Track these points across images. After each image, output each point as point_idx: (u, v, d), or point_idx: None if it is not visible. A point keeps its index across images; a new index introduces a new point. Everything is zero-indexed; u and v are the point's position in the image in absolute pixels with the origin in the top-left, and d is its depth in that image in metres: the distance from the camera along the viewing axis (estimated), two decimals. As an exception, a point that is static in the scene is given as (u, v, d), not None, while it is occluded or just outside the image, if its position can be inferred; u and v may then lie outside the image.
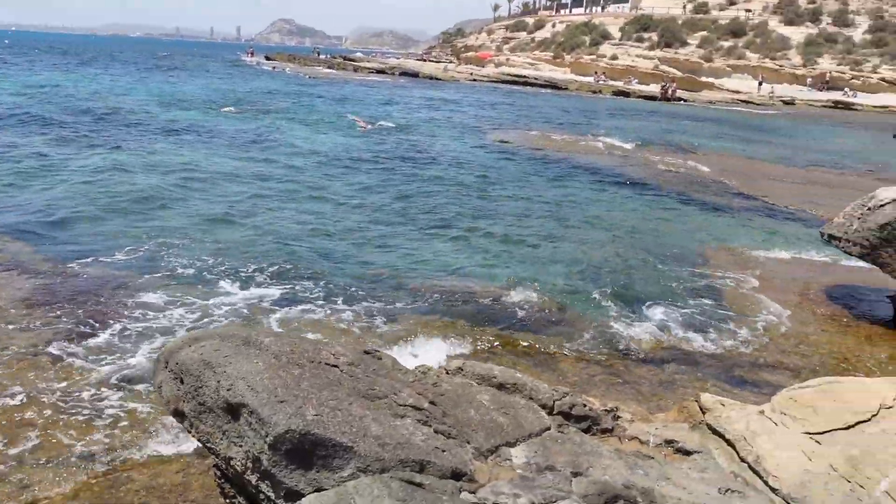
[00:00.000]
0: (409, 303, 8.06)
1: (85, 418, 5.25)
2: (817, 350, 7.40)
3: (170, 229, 10.28)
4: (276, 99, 33.52)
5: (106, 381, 5.75)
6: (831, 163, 22.58)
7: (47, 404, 5.38)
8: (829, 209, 14.05)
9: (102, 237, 9.77)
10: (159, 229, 10.23)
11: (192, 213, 11.34)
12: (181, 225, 10.59)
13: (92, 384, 5.69)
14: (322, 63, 75.14)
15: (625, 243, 11.02)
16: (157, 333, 6.71)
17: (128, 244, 9.45)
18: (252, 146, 18.85)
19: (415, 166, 17.44)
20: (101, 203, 11.48)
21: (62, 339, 6.45)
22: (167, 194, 12.37)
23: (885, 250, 8.02)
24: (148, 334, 6.71)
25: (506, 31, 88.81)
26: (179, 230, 10.28)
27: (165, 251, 9.24)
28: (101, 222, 10.50)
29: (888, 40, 59.73)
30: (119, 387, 5.67)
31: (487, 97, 45.19)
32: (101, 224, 10.41)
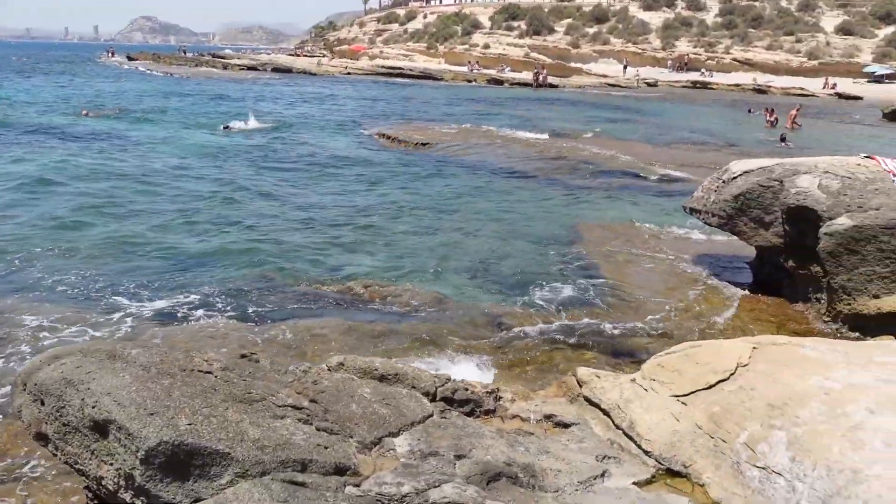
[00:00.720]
0: (292, 304, 7.93)
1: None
2: (687, 315, 7.82)
3: (22, 239, 9.67)
4: (137, 100, 32.04)
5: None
6: (693, 139, 23.87)
7: None
8: (692, 183, 14.87)
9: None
10: (11, 239, 9.60)
11: (42, 220, 10.71)
12: (31, 234, 9.99)
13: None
14: (189, 61, 72.26)
15: (505, 229, 11.27)
16: (21, 357, 6.31)
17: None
18: (112, 150, 17.95)
19: (291, 165, 17.13)
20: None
21: None
22: (19, 201, 11.62)
23: (741, 219, 8.56)
24: (13, 357, 6.29)
25: (378, 23, 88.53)
26: (30, 240, 9.68)
27: (26, 265, 8.68)
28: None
29: (737, 22, 63.72)
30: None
31: (364, 90, 44.94)
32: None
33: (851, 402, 3.73)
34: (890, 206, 7.19)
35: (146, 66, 66.03)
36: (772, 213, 8.28)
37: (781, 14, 64.56)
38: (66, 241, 9.83)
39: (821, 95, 48.66)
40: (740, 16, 64.79)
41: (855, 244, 7.00)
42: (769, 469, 3.54)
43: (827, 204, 7.55)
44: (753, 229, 8.49)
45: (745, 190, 8.47)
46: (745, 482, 3.59)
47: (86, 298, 7.83)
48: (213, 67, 66.66)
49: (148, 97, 34.08)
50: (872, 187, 7.57)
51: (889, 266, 6.89)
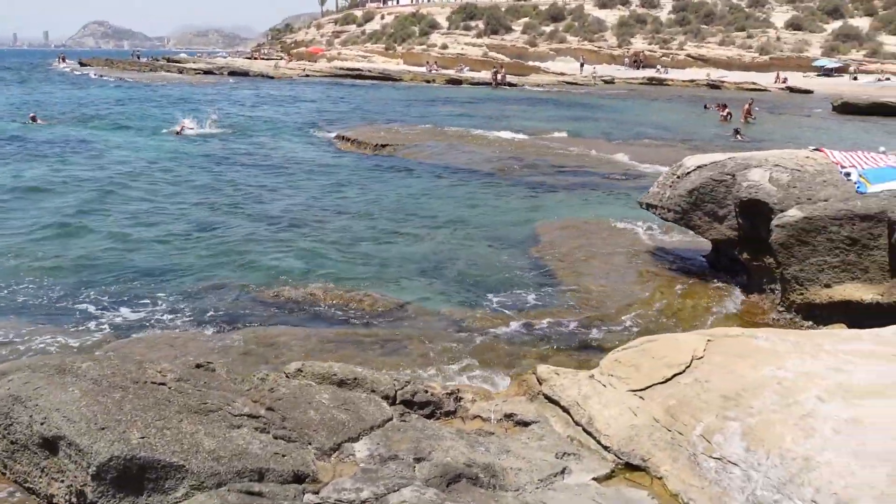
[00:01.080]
0: (250, 310, 7.84)
1: None
2: (646, 309, 7.90)
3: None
4: (90, 106, 31.44)
5: None
6: (651, 135, 24.19)
7: None
8: (650, 178, 15.06)
9: None
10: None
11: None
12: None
13: None
14: (143, 66, 71.14)
15: (466, 231, 11.27)
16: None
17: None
18: (61, 156, 17.59)
19: (247, 168, 16.96)
20: None
21: None
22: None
23: (696, 213, 8.69)
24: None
25: (335, 24, 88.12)
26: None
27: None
28: None
29: (690, 19, 64.81)
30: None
31: (323, 92, 44.67)
32: None
33: (803, 391, 3.81)
34: (838, 196, 7.36)
35: (99, 72, 64.66)
36: (725, 207, 8.43)
37: (733, 10, 65.82)
38: (12, 252, 9.58)
39: (772, 90, 49.70)
40: (693, 12, 65.90)
41: (805, 235, 7.14)
42: (725, 459, 3.59)
43: (778, 196, 7.70)
44: (708, 223, 8.62)
45: (699, 185, 8.60)
46: (702, 473, 3.64)
47: (35, 311, 7.64)
48: (168, 72, 65.65)
49: (100, 103, 33.44)
50: (821, 179, 7.74)
51: (839, 256, 7.05)
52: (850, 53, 56.16)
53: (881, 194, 7.09)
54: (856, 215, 6.94)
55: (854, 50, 56.59)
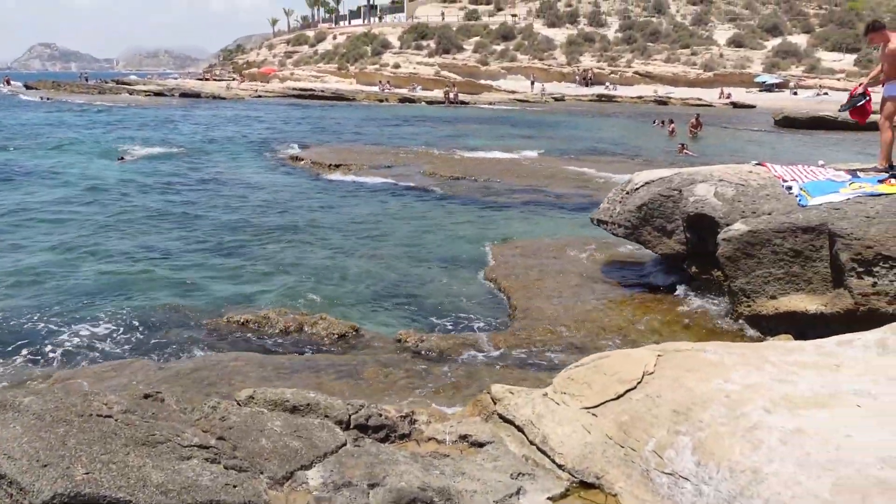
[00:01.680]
0: (202, 336, 7.71)
1: None
2: (598, 326, 7.98)
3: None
4: (33, 130, 30.68)
5: None
6: (601, 150, 24.60)
7: None
8: (601, 195, 15.29)
9: None
10: None
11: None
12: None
13: None
14: (91, 89, 69.84)
15: (417, 252, 11.28)
16: None
17: None
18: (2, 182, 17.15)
19: (196, 190, 16.74)
20: None
21: None
22: None
23: (645, 229, 8.85)
24: None
25: (287, 45, 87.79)
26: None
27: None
28: None
29: (636, 37, 66.28)
30: None
31: (275, 113, 44.40)
32: None
33: (749, 403, 3.88)
34: (780, 210, 7.56)
35: (45, 95, 63.32)
36: (673, 222, 8.59)
37: (677, 28, 67.53)
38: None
39: (717, 105, 51.01)
40: (639, 31, 67.44)
41: (751, 248, 7.32)
42: (676, 474, 3.64)
43: (723, 211, 7.88)
44: (657, 238, 8.78)
45: (648, 200, 8.76)
46: (655, 489, 3.68)
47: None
48: (117, 94, 64.55)
49: (45, 127, 32.68)
50: (764, 193, 7.95)
51: (783, 268, 7.23)
52: (789, 69, 58.03)
53: (821, 207, 7.30)
54: (798, 228, 7.13)
55: (793, 66, 58.50)
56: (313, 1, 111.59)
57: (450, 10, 79.41)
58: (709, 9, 71.99)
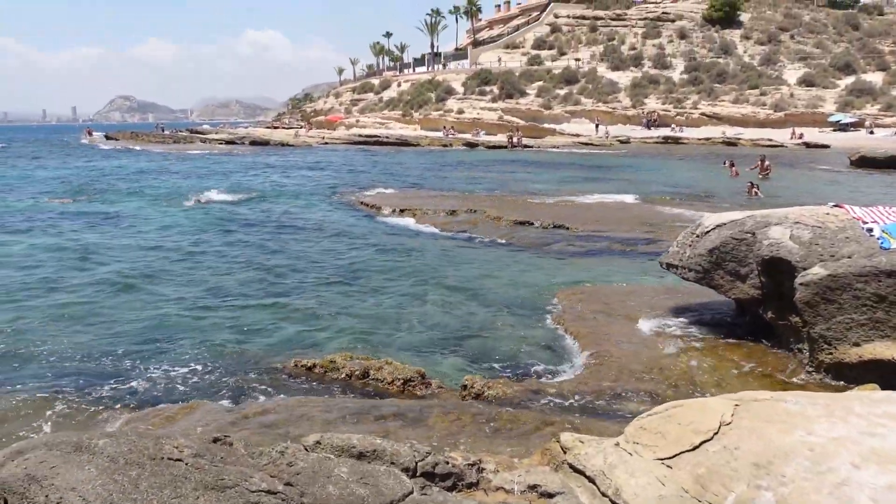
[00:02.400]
0: (268, 379, 7.80)
1: None
2: (669, 373, 7.75)
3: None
4: (111, 179, 32.10)
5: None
6: (669, 192, 24.22)
7: None
8: (670, 236, 15.00)
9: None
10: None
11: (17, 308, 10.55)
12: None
13: None
14: (167, 138, 73.02)
15: (484, 297, 11.22)
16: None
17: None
18: (83, 229, 17.89)
19: (265, 235, 17.13)
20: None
21: None
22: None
23: (717, 273, 8.60)
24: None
25: (353, 93, 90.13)
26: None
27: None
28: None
29: (702, 78, 65.56)
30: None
31: (342, 159, 45.41)
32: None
33: (835, 457, 3.68)
34: (861, 253, 7.27)
35: (124, 145, 66.45)
36: (747, 266, 8.34)
37: (745, 69, 66.59)
38: (24, 323, 9.68)
39: (789, 145, 49.84)
40: (705, 72, 66.76)
41: (831, 293, 7.03)
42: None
43: (800, 254, 7.61)
44: (730, 282, 8.53)
45: (719, 243, 8.54)
46: (736, 546, 3.50)
47: (51, 383, 7.65)
48: (191, 143, 67.31)
49: (123, 175, 34.18)
50: (843, 235, 7.66)
51: (866, 313, 6.91)
52: (864, 108, 56.41)
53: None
54: (881, 271, 6.82)
55: (868, 104, 56.87)
56: (378, 50, 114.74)
57: (512, 55, 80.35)
58: (778, 48, 70.94)
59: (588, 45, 79.39)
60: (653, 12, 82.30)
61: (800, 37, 73.55)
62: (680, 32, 76.53)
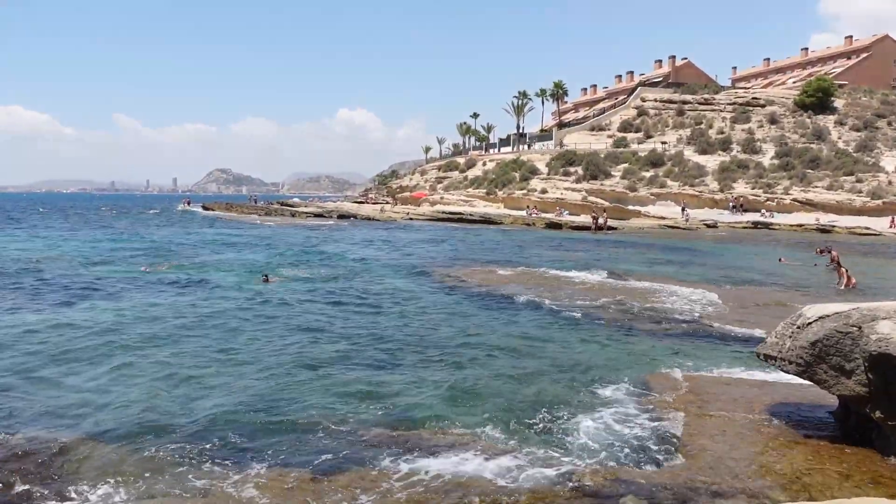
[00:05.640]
0: (356, 454, 7.83)
1: None
2: (769, 471, 7.38)
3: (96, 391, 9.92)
4: (200, 251, 33.38)
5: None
6: (758, 280, 23.48)
7: None
8: (764, 326, 14.48)
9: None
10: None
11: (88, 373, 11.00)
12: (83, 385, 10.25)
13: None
14: (259, 210, 76.04)
15: (572, 376, 11.04)
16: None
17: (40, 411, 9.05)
18: (167, 301, 18.64)
19: (353, 309, 17.40)
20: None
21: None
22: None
23: (820, 367, 8.22)
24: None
25: (438, 170, 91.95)
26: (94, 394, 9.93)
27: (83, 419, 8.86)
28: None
29: (794, 164, 64.04)
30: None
31: (426, 235, 46.12)
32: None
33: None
34: (982, 354, 6.83)
35: (219, 215, 69.65)
36: (853, 361, 7.94)
37: (839, 155, 64.77)
38: (113, 385, 10.05)
39: (887, 234, 47.77)
40: (797, 157, 65.23)
41: (948, 395, 6.61)
42: None
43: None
44: (834, 377, 8.12)
45: (822, 336, 8.18)
46: None
47: (142, 447, 7.89)
48: (282, 216, 69.86)
49: (212, 247, 35.47)
50: (959, 334, 7.24)
51: None
52: (969, 198, 53.76)
53: None
54: None
55: (973, 194, 54.21)
56: (465, 130, 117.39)
57: (598, 137, 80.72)
58: (874, 134, 68.84)
59: (675, 128, 78.97)
60: (742, 97, 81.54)
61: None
62: (770, 118, 75.29)
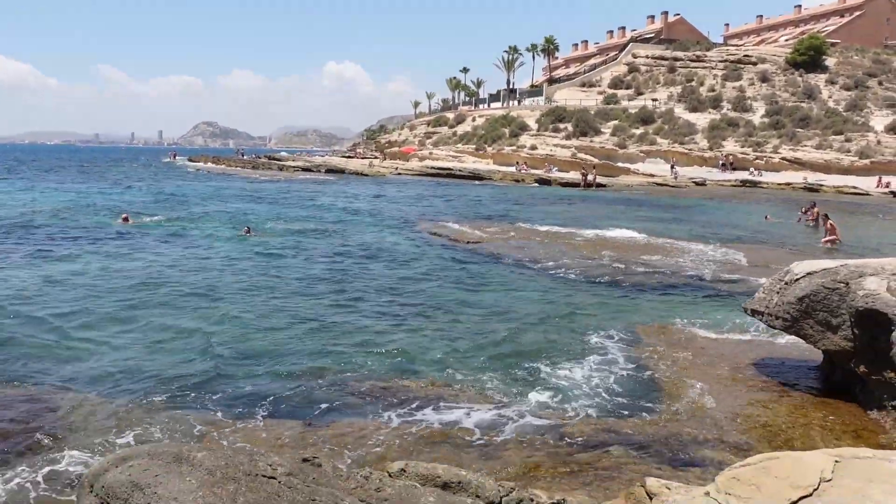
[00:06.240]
0: (348, 404, 7.88)
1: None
2: (753, 423, 7.51)
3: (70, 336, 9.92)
4: (184, 202, 33.16)
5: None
6: (745, 238, 23.61)
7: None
8: (748, 283, 14.60)
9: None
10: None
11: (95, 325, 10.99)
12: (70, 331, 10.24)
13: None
14: (246, 163, 75.31)
15: (559, 329, 11.13)
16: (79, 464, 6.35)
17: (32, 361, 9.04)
18: (154, 254, 18.55)
19: (342, 263, 17.39)
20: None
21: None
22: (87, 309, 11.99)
23: (806, 322, 8.31)
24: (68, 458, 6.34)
25: (427, 126, 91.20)
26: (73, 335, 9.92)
27: (80, 359, 8.86)
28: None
29: (784, 122, 63.95)
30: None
31: (414, 190, 45.93)
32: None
33: (950, 524, 3.48)
34: (966, 309, 6.92)
35: (204, 168, 68.99)
36: (839, 316, 8.03)
37: (829, 114, 64.70)
38: (112, 338, 10.04)
39: (874, 194, 48.03)
40: (787, 116, 65.10)
41: (931, 349, 6.71)
42: None
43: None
44: (820, 332, 8.22)
45: (810, 292, 8.25)
46: None
47: (143, 395, 7.90)
48: (269, 169, 69.23)
49: (197, 199, 35.24)
50: (945, 290, 7.31)
51: (970, 373, 6.56)
52: (957, 158, 54.04)
53: None
54: None
55: (962, 155, 54.46)
56: (455, 85, 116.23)
57: (588, 94, 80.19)
58: (865, 94, 68.74)
59: (666, 85, 78.52)
60: (733, 55, 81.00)
61: (888, 83, 71.17)
62: (762, 76, 74.97)
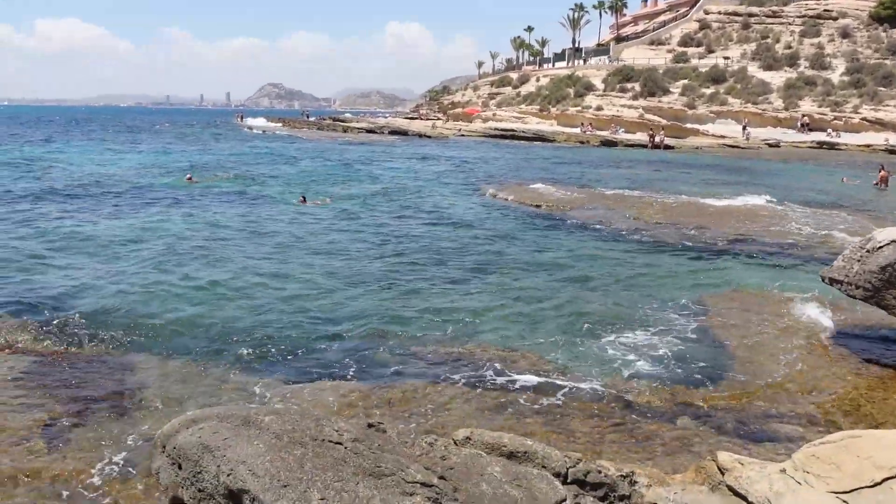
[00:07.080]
0: (411, 368, 7.90)
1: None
2: (831, 397, 7.23)
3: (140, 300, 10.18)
4: (251, 163, 33.69)
5: (103, 468, 5.54)
6: (822, 201, 22.67)
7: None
8: (824, 250, 14.03)
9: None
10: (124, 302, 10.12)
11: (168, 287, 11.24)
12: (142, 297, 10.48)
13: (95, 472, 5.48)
14: (311, 125, 76.03)
15: (627, 295, 10.91)
16: (150, 419, 6.54)
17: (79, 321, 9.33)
18: (201, 212, 18.88)
19: (405, 226, 17.41)
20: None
21: (62, 419, 6.27)
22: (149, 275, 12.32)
23: (889, 292, 7.92)
24: (142, 418, 6.54)
25: (491, 86, 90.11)
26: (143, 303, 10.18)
27: (147, 322, 9.11)
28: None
29: (865, 81, 60.84)
30: (121, 472, 5.46)
31: (477, 152, 45.58)
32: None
33: None
34: None
35: (271, 129, 69.96)
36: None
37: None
38: (176, 303, 10.23)
39: (963, 156, 45.50)
40: (869, 74, 61.86)
41: None
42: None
43: None
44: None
45: (893, 261, 7.85)
46: None
47: (209, 356, 8.07)
48: (334, 130, 69.77)
49: (264, 160, 35.76)
50: None
51: None
52: None
53: None
54: None
55: None
56: (519, 44, 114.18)
57: (657, 52, 77.76)
58: (955, 50, 64.85)
59: (739, 42, 75.45)
60: (813, 9, 77.08)
61: (982, 39, 66.86)
62: (842, 31, 71.25)
